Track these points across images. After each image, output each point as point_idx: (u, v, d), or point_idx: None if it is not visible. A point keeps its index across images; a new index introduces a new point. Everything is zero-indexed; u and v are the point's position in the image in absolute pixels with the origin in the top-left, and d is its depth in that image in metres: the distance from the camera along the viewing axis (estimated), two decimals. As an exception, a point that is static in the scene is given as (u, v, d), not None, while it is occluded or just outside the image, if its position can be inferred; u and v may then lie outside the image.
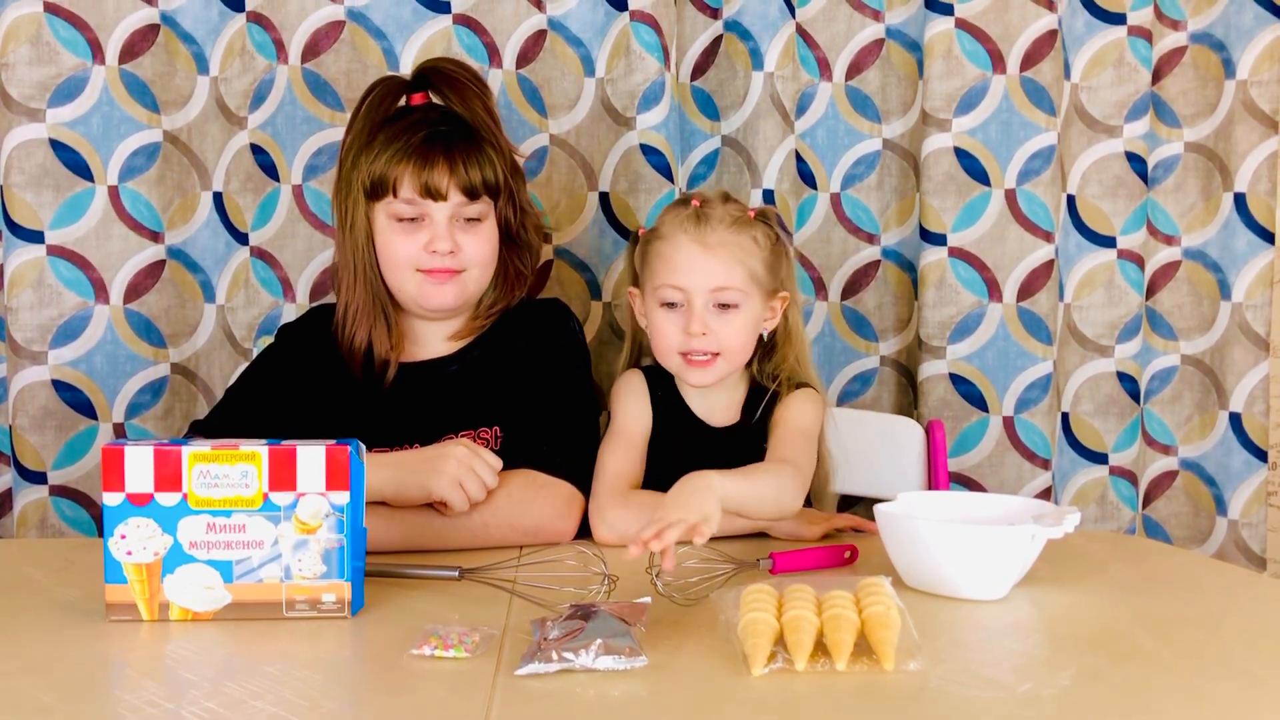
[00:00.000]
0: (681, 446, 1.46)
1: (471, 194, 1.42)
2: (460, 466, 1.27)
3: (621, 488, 1.39)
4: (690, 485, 1.16)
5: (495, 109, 1.50)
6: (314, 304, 1.76)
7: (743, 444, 1.45)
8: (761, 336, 1.48)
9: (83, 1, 1.69)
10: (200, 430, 1.44)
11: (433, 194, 1.40)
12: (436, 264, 1.42)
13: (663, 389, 1.49)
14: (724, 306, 1.41)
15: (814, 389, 1.48)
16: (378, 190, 1.42)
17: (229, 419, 1.45)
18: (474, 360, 1.49)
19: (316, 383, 1.48)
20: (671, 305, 1.43)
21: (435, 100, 1.50)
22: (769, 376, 1.49)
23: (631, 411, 1.47)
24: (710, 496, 1.14)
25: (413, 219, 1.42)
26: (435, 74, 1.49)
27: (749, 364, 1.50)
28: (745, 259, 1.42)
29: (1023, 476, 1.88)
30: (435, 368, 1.49)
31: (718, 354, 1.42)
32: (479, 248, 1.45)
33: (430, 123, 1.44)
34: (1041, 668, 0.91)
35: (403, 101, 1.50)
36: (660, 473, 1.44)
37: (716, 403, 1.49)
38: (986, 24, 1.84)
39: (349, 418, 1.44)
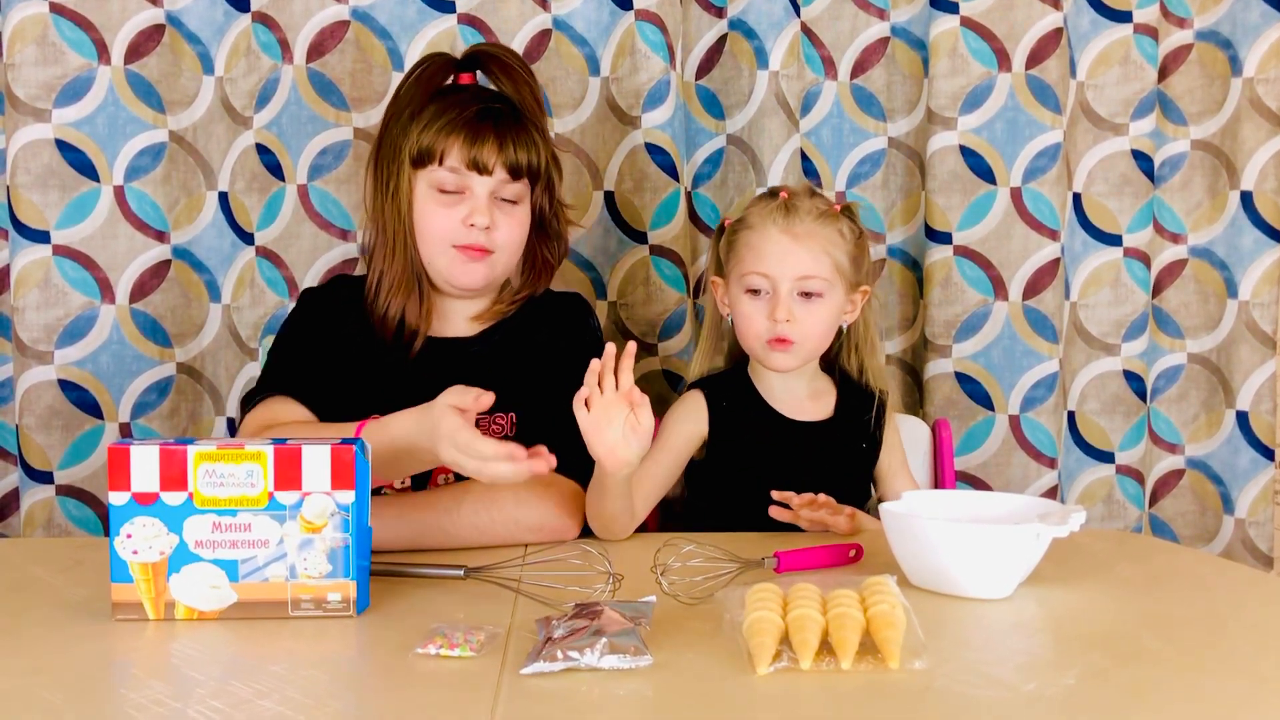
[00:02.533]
0: (767, 443, 1.48)
1: (515, 173, 1.44)
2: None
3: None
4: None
5: (541, 99, 1.52)
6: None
7: (835, 440, 1.49)
8: (841, 329, 1.51)
9: (88, 2, 1.69)
10: (252, 406, 1.43)
11: (479, 167, 1.41)
12: (472, 239, 1.42)
13: (732, 395, 1.51)
14: (808, 295, 1.44)
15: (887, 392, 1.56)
16: (424, 158, 1.42)
17: (281, 386, 1.43)
18: (496, 344, 1.50)
19: (342, 347, 1.47)
20: (756, 292, 1.45)
21: (484, 83, 1.51)
22: (854, 373, 1.54)
23: (680, 429, 1.49)
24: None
25: (453, 191, 1.43)
26: (487, 57, 1.51)
27: (827, 357, 1.54)
28: (831, 250, 1.45)
29: (1028, 475, 1.88)
30: (458, 347, 1.49)
31: (796, 341, 1.44)
32: (512, 230, 1.46)
33: (482, 100, 1.46)
34: (1047, 667, 0.91)
35: (451, 79, 1.51)
36: (749, 470, 1.46)
37: (799, 396, 1.51)
38: (992, 22, 1.84)
39: (374, 384, 1.44)
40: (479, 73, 1.52)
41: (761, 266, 1.44)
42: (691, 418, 1.49)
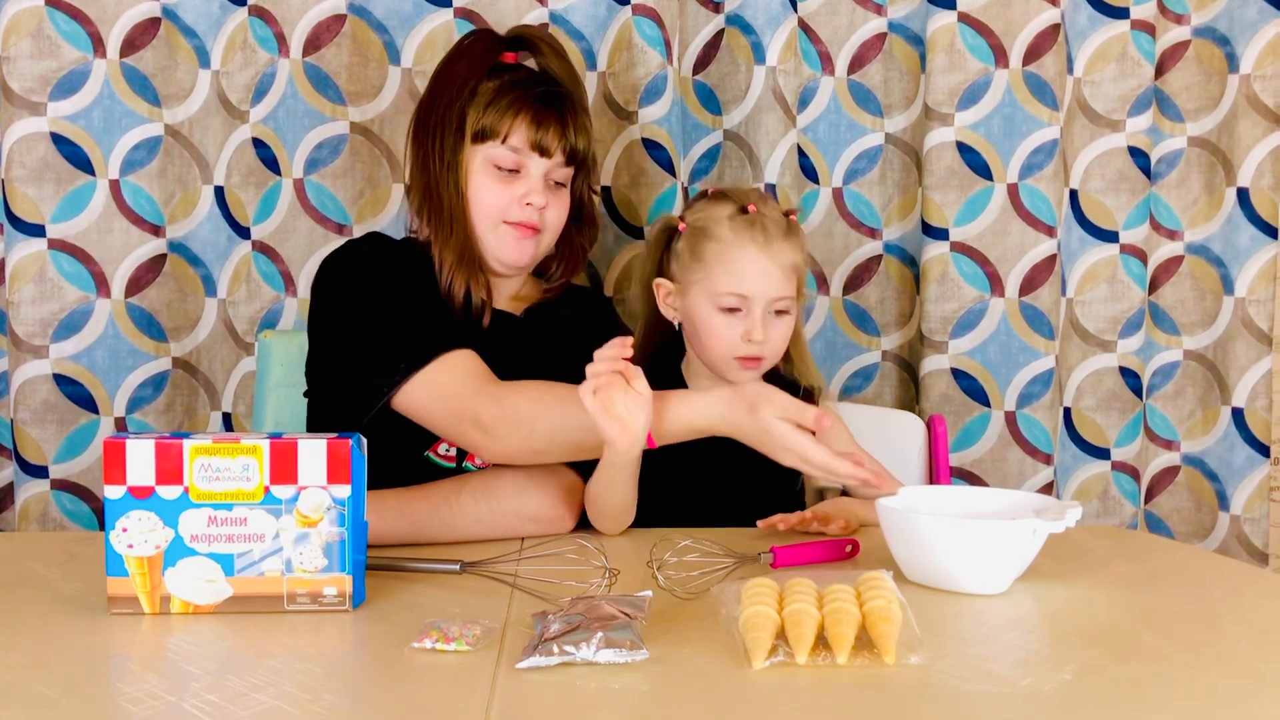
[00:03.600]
0: (690, 443, 1.47)
1: (571, 158, 1.45)
2: None
3: None
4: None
5: (585, 88, 1.53)
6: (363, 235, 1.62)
7: None
8: None
9: (84, -5, 1.69)
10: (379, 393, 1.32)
11: (541, 149, 1.42)
12: (525, 217, 1.42)
13: (664, 388, 1.50)
14: (779, 313, 1.45)
15: (822, 387, 1.54)
16: (486, 134, 1.42)
17: (446, 343, 1.33)
18: (540, 326, 1.50)
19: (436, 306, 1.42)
20: (732, 311, 1.43)
21: (529, 64, 1.51)
22: (780, 369, 1.53)
23: None
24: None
25: (509, 169, 1.43)
26: (538, 39, 1.50)
27: None
28: (798, 265, 1.46)
29: (1024, 471, 1.88)
30: (513, 322, 1.49)
31: (765, 358, 1.45)
32: (559, 212, 1.47)
33: (544, 82, 1.46)
34: (1043, 663, 0.91)
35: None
36: (670, 464, 1.45)
37: None
38: (989, 18, 1.84)
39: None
40: (522, 53, 1.50)
41: (741, 287, 1.42)
42: None
